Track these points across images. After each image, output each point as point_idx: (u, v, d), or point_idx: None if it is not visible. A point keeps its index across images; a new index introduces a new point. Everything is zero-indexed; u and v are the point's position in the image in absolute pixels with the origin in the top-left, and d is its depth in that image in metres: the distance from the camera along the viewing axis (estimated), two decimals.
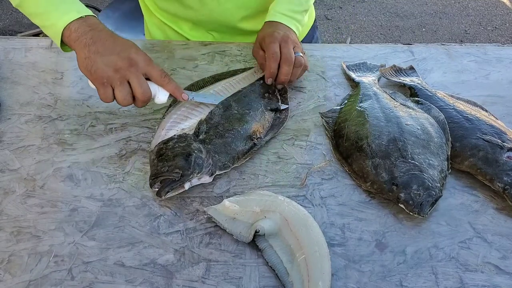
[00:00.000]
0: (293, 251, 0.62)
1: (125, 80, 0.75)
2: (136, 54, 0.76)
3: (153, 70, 0.77)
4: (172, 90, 0.79)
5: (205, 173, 0.72)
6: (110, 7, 1.93)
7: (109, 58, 0.74)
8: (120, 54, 0.75)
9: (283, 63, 0.88)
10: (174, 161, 0.70)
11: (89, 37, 0.76)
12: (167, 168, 0.70)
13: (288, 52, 0.89)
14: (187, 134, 0.76)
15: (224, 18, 1.04)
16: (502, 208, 0.71)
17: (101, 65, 0.74)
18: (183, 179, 0.69)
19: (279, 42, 0.90)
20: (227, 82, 0.90)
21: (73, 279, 0.60)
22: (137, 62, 0.75)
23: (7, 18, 3.13)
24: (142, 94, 0.75)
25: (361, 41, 3.07)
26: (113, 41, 0.77)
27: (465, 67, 1.02)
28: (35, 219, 0.67)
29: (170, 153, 0.72)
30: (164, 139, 0.75)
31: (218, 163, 0.74)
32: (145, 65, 0.76)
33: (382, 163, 0.73)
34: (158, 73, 0.77)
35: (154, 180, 0.70)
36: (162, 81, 0.78)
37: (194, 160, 0.71)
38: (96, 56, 0.74)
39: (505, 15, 3.38)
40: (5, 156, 0.77)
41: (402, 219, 0.69)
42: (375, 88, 0.90)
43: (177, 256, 0.63)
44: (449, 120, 0.82)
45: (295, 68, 0.89)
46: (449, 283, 0.61)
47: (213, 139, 0.76)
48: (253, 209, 0.67)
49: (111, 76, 0.74)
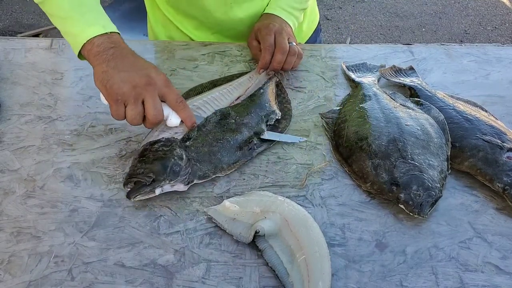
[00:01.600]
0: (293, 252, 0.62)
1: (140, 99, 0.72)
2: (156, 74, 0.74)
3: (170, 93, 0.75)
4: (185, 118, 0.76)
5: (180, 181, 0.70)
6: (110, 7, 1.93)
7: (127, 74, 0.72)
8: (139, 72, 0.73)
9: (277, 52, 0.91)
10: (152, 164, 0.69)
11: (111, 54, 0.75)
12: (142, 171, 0.69)
13: (283, 42, 0.92)
14: (175, 139, 0.74)
15: (233, 23, 1.04)
16: (502, 208, 0.71)
17: (118, 81, 0.72)
18: (154, 184, 0.68)
19: (274, 33, 0.93)
20: (224, 88, 0.88)
21: (73, 279, 0.60)
22: (156, 82, 0.73)
23: (7, 19, 3.13)
24: (154, 116, 0.73)
25: (361, 41, 3.07)
26: (134, 59, 0.76)
27: (465, 67, 1.02)
28: (35, 219, 0.67)
29: (152, 155, 0.71)
30: (152, 140, 0.74)
31: (198, 172, 0.72)
32: (163, 86, 0.74)
33: (382, 163, 0.73)
34: (174, 97, 0.75)
35: (128, 180, 0.69)
36: (177, 106, 0.75)
37: (170, 167, 0.69)
38: (114, 71, 0.73)
39: (505, 15, 3.38)
40: (5, 156, 0.77)
41: (402, 219, 0.69)
42: (375, 89, 0.91)
43: (177, 257, 0.63)
44: (449, 120, 0.82)
45: (290, 56, 0.92)
46: (449, 283, 0.61)
47: (199, 147, 0.74)
48: (253, 209, 0.67)
49: (126, 93, 0.71)
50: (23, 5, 3.29)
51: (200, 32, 1.09)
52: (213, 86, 0.91)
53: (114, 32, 0.78)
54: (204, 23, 1.06)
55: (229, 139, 0.77)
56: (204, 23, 1.06)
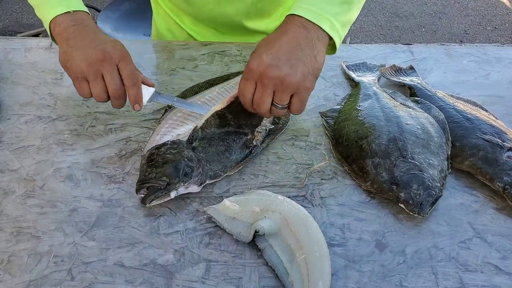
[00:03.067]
0: (293, 251, 0.62)
1: (99, 75, 0.71)
2: (112, 48, 0.72)
3: (124, 67, 0.72)
4: (130, 95, 0.73)
5: (193, 183, 0.70)
6: (109, 7, 1.93)
7: (83, 52, 0.71)
8: (96, 48, 0.71)
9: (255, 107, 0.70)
10: (163, 168, 0.69)
11: (71, 32, 0.73)
12: (154, 175, 0.68)
13: (256, 103, 0.68)
14: (180, 141, 0.74)
15: (225, 18, 1.04)
16: (502, 208, 0.71)
17: (76, 59, 0.71)
18: (169, 187, 0.67)
19: (255, 79, 0.67)
20: (221, 88, 0.88)
21: (73, 279, 0.60)
22: (111, 56, 0.71)
23: (6, 19, 3.13)
24: (114, 91, 0.72)
25: (361, 41, 3.07)
26: (94, 36, 0.74)
27: (465, 67, 1.02)
28: (34, 219, 0.67)
29: (160, 159, 0.70)
30: (157, 144, 0.74)
31: (209, 172, 0.72)
32: (118, 60, 0.72)
33: (382, 162, 0.73)
34: (127, 72, 0.72)
35: (140, 186, 0.68)
36: (127, 82, 0.72)
37: (183, 169, 0.69)
38: (72, 50, 0.72)
39: (505, 15, 3.38)
40: (4, 156, 0.77)
41: (402, 219, 0.69)
42: (375, 88, 0.90)
43: (177, 257, 0.63)
44: (449, 119, 0.82)
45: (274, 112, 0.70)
46: (449, 283, 0.61)
47: (206, 147, 0.74)
48: (253, 208, 0.67)
49: (85, 71, 0.71)
50: (23, 5, 3.28)
51: (196, 27, 1.09)
52: (210, 85, 0.91)
53: (80, 11, 0.77)
54: (199, 18, 1.06)
55: (234, 137, 0.77)
56: (198, 19, 1.06)
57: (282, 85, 0.65)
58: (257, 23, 1.06)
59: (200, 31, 1.09)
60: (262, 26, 1.08)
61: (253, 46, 0.82)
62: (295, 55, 0.65)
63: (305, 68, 0.65)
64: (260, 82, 0.66)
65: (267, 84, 0.66)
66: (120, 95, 0.73)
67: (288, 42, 0.66)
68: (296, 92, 0.66)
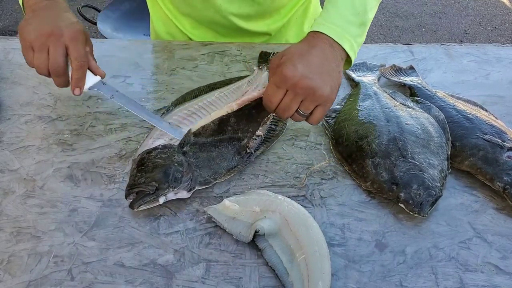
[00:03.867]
0: (293, 251, 0.62)
1: (45, 48, 0.70)
2: (66, 27, 0.71)
3: (72, 48, 0.71)
4: (73, 78, 0.72)
5: (182, 188, 0.69)
6: (110, 7, 1.93)
7: (40, 23, 0.71)
8: (53, 23, 0.71)
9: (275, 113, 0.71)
10: (152, 173, 0.68)
11: (42, 5, 0.74)
12: (143, 180, 0.68)
13: (283, 108, 0.69)
14: (171, 145, 0.73)
15: (226, 20, 1.04)
16: (502, 208, 0.71)
17: (30, 28, 0.71)
18: (158, 192, 0.67)
19: (287, 87, 0.67)
20: (221, 92, 0.86)
21: (73, 279, 0.60)
22: (62, 34, 0.70)
23: (6, 19, 3.13)
24: (52, 67, 0.71)
25: None
26: (58, 13, 0.74)
27: (465, 67, 1.02)
28: (34, 219, 0.67)
29: (151, 164, 0.70)
30: (148, 149, 0.73)
31: (199, 178, 0.71)
32: (68, 40, 0.71)
33: (382, 162, 0.73)
34: (75, 54, 0.71)
35: (130, 191, 0.68)
36: (73, 64, 0.72)
37: (172, 174, 0.68)
38: (33, 20, 0.72)
39: (505, 15, 3.38)
40: (5, 156, 0.77)
41: (402, 219, 0.69)
42: (375, 88, 0.90)
43: (177, 257, 0.63)
44: (449, 119, 0.82)
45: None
46: (449, 283, 0.61)
47: (197, 152, 0.73)
48: (253, 208, 0.67)
49: (32, 41, 0.70)
50: None
51: (197, 31, 1.09)
52: (210, 89, 0.89)
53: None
54: (200, 21, 1.06)
55: (226, 144, 0.75)
56: (199, 21, 1.06)
57: (313, 96, 0.67)
58: (259, 24, 1.06)
59: (200, 34, 1.09)
60: (264, 27, 1.07)
61: (253, 46, 0.82)
62: (325, 69, 0.68)
63: (332, 82, 0.68)
64: (292, 90, 0.67)
65: (299, 93, 0.67)
66: (59, 73, 0.72)
67: (318, 56, 0.68)
68: (323, 103, 0.69)
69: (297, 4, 1.09)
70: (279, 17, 1.08)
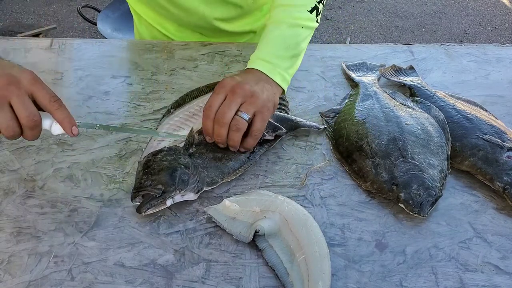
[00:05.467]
0: (293, 251, 0.62)
1: (5, 102, 0.60)
2: (18, 72, 0.62)
3: (40, 91, 0.62)
4: (61, 119, 0.63)
5: (189, 190, 0.69)
6: (109, 7, 1.93)
7: None
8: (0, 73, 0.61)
9: (215, 122, 0.71)
10: (159, 175, 0.68)
11: None
12: (150, 183, 0.67)
13: (222, 110, 0.70)
14: (177, 147, 0.73)
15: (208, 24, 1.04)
16: (502, 208, 0.71)
17: None
18: (164, 195, 0.66)
19: (226, 92, 0.72)
20: None
21: (73, 279, 0.60)
22: (20, 80, 0.61)
23: (7, 19, 3.13)
24: (27, 118, 0.60)
25: (361, 41, 3.07)
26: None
27: (465, 67, 1.02)
28: (35, 219, 0.67)
29: (156, 166, 0.69)
30: (154, 151, 0.73)
31: (206, 179, 0.70)
32: (29, 84, 0.61)
33: (382, 162, 0.73)
34: (45, 96, 0.62)
35: (135, 193, 0.67)
36: (50, 106, 0.62)
37: (179, 176, 0.68)
38: None
39: (505, 15, 3.38)
40: (4, 156, 0.77)
41: (402, 219, 0.69)
42: (375, 88, 0.91)
43: (177, 257, 0.63)
44: (449, 119, 0.82)
45: (231, 132, 0.71)
46: (449, 283, 0.61)
47: (203, 153, 0.73)
48: (253, 209, 0.67)
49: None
50: (23, 5, 3.29)
51: (182, 33, 1.09)
52: (210, 90, 0.89)
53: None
54: (184, 24, 1.06)
55: None
56: (184, 25, 1.06)
57: (251, 98, 0.71)
58: (243, 24, 1.08)
59: (185, 36, 1.09)
60: (248, 27, 1.09)
61: (253, 47, 0.82)
62: (260, 84, 0.74)
63: (269, 94, 0.74)
64: (231, 93, 0.71)
65: (238, 94, 0.71)
66: (36, 122, 0.62)
67: (254, 76, 0.76)
68: (260, 110, 0.72)
69: None
70: (261, 14, 1.10)
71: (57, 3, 3.32)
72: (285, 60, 0.79)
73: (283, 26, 0.79)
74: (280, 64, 0.78)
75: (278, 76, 0.78)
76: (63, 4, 3.31)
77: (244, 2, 1.02)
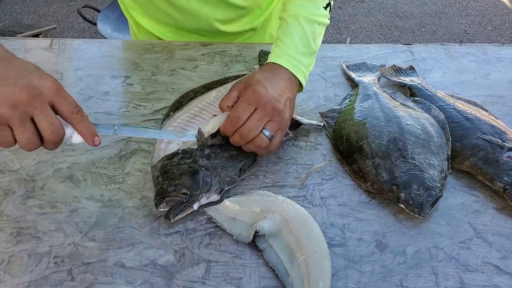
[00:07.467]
0: (293, 252, 0.62)
1: (27, 118, 0.57)
2: (39, 81, 0.57)
3: (62, 103, 0.59)
4: (83, 133, 0.61)
5: (213, 192, 0.69)
6: (109, 8, 1.93)
7: (2, 91, 0.55)
8: (18, 82, 0.56)
9: (238, 133, 0.71)
10: (181, 179, 0.67)
11: None
12: (173, 188, 0.66)
13: (250, 126, 0.70)
14: (191, 149, 0.72)
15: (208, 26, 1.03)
16: (502, 208, 0.71)
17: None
18: (192, 199, 0.66)
19: (258, 105, 0.70)
20: (219, 92, 0.86)
21: (73, 280, 0.60)
22: (42, 92, 0.57)
23: (6, 19, 3.13)
24: (52, 134, 0.58)
25: (361, 41, 3.07)
26: (8, 64, 0.58)
27: (465, 67, 1.02)
28: (35, 220, 0.67)
29: (176, 170, 0.68)
30: (167, 154, 0.72)
31: (226, 178, 0.71)
32: (52, 95, 0.58)
33: (382, 163, 0.73)
34: (68, 108, 0.60)
35: (160, 200, 0.66)
36: (73, 119, 0.60)
37: (202, 179, 0.67)
38: None
39: (505, 15, 3.38)
40: (4, 156, 0.77)
41: (402, 219, 0.69)
42: (375, 88, 0.90)
43: (177, 257, 0.63)
44: (449, 119, 0.82)
45: (251, 145, 0.72)
46: (449, 283, 0.61)
47: (219, 153, 0.73)
48: (253, 209, 0.67)
49: (7, 115, 0.55)
50: (23, 5, 3.29)
51: (181, 37, 1.08)
52: (206, 90, 0.88)
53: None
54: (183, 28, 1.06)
55: None
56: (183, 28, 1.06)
57: (278, 117, 0.72)
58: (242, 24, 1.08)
59: (183, 39, 1.09)
60: (247, 26, 1.09)
61: (253, 46, 0.82)
62: (286, 95, 0.73)
63: (290, 111, 0.74)
64: (262, 109, 0.70)
65: (268, 112, 0.70)
66: (60, 137, 0.60)
67: (280, 82, 0.74)
68: (282, 128, 0.73)
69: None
70: (261, 11, 1.10)
71: (57, 3, 3.32)
72: (306, 57, 0.78)
73: (302, 21, 0.78)
74: (303, 61, 0.77)
75: (301, 74, 0.77)
76: (63, 4, 3.31)
77: (247, 2, 1.02)
